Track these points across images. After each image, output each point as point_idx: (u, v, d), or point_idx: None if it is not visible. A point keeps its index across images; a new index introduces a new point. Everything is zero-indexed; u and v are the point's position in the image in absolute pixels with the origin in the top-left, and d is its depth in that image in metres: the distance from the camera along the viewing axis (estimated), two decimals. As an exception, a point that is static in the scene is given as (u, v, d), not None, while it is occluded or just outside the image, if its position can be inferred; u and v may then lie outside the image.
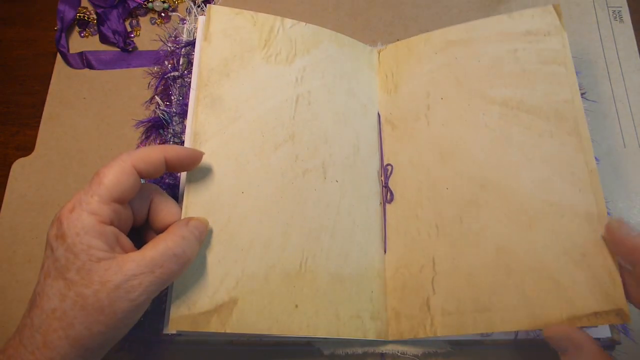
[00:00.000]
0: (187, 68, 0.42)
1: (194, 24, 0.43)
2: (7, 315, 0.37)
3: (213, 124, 0.34)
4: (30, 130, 0.43)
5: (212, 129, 0.34)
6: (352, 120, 0.38)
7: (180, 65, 0.42)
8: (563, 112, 0.35)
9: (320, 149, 0.36)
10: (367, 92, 0.40)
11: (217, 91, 0.35)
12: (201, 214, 0.32)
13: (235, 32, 0.37)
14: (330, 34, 0.40)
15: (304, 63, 0.38)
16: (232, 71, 0.35)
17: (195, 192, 0.32)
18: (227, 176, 0.33)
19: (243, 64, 0.36)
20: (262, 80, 0.36)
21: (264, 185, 0.34)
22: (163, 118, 0.40)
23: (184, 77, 0.41)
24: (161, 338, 0.35)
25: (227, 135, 0.34)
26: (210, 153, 0.33)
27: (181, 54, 0.42)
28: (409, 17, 0.47)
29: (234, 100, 0.35)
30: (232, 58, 0.36)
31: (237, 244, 0.32)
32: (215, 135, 0.34)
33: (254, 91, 0.36)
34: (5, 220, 0.40)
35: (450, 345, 0.36)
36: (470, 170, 0.35)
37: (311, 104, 0.37)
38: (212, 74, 0.35)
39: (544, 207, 0.33)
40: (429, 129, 0.37)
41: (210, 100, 0.34)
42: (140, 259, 0.27)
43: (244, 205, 0.33)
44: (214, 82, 0.35)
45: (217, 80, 0.35)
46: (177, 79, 0.41)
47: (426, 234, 0.35)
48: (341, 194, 0.36)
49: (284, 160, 0.35)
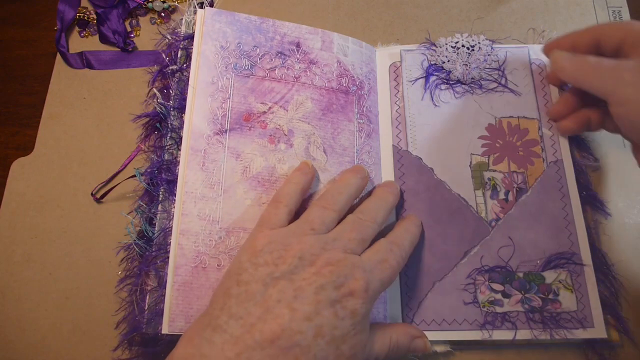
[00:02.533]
0: (185, 62, 0.41)
1: (192, 16, 0.43)
2: (6, 315, 0.37)
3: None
4: (30, 130, 0.43)
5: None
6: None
7: (178, 58, 0.42)
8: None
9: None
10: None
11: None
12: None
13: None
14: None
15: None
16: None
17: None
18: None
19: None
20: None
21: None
22: (160, 112, 0.40)
23: (183, 71, 0.41)
24: (160, 336, 0.35)
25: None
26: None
27: (180, 47, 0.42)
28: (409, 17, 0.47)
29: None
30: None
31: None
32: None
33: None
34: (5, 220, 0.40)
35: (450, 345, 0.36)
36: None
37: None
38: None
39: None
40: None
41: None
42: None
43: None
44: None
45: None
46: (175, 73, 0.41)
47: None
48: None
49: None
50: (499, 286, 0.36)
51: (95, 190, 0.40)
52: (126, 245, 0.38)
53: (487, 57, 0.42)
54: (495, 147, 0.40)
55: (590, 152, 0.41)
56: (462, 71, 0.42)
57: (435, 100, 0.42)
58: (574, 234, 0.37)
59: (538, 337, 0.35)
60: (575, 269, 0.36)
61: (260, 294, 0.28)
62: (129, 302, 0.36)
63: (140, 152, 0.41)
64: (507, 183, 0.39)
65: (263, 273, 0.29)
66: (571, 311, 0.35)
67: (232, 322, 0.28)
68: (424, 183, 0.39)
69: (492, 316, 0.35)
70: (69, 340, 0.36)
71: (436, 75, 0.42)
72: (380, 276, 0.30)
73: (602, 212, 0.39)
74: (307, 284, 0.28)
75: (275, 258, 0.29)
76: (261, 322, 0.27)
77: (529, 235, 0.37)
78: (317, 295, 0.28)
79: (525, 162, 0.40)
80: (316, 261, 0.29)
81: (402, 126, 0.41)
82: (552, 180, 0.39)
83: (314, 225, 0.32)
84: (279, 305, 0.28)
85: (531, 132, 0.41)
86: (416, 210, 0.38)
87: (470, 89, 0.42)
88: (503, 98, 0.41)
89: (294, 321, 0.27)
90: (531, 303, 0.36)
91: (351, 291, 0.29)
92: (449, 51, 0.42)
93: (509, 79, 0.42)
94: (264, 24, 0.41)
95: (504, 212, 0.38)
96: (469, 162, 0.40)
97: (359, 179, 0.36)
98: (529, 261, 0.37)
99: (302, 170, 0.36)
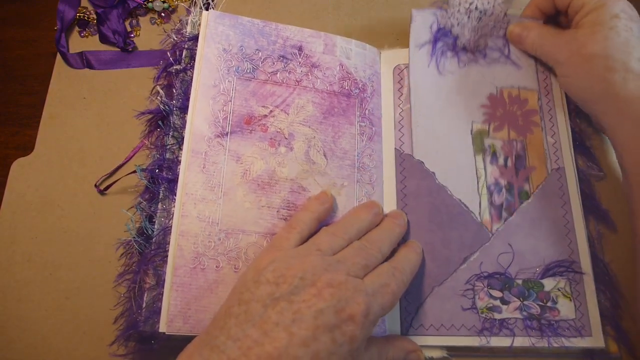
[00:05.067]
0: (189, 62, 0.41)
1: (198, 17, 0.43)
2: (6, 315, 0.37)
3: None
4: (30, 130, 0.43)
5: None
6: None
7: (182, 58, 0.41)
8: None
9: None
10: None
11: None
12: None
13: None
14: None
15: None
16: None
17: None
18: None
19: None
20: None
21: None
22: (163, 110, 0.40)
23: (186, 71, 0.41)
24: (157, 335, 0.35)
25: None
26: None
27: (184, 47, 0.42)
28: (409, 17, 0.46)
29: None
30: None
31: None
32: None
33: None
34: (5, 220, 0.40)
35: (446, 352, 0.36)
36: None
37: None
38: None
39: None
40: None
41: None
42: None
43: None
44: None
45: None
46: (179, 73, 0.41)
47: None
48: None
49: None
50: (498, 292, 0.36)
51: (99, 181, 0.40)
52: (125, 242, 0.38)
53: (497, 23, 0.42)
54: (495, 115, 0.41)
55: (595, 162, 0.40)
56: (469, 37, 0.42)
57: (440, 68, 0.42)
58: (574, 242, 0.37)
59: (535, 344, 0.35)
60: (575, 277, 0.36)
61: (259, 315, 0.28)
62: (127, 298, 0.36)
63: (142, 148, 0.41)
64: (506, 150, 0.40)
65: (264, 293, 0.29)
66: (569, 319, 0.35)
67: (229, 343, 0.27)
68: (425, 187, 0.39)
69: (490, 322, 0.35)
70: (69, 341, 0.37)
71: (444, 41, 0.42)
72: (381, 300, 0.30)
73: (605, 222, 0.39)
74: (306, 307, 0.28)
75: (277, 277, 0.29)
76: (258, 345, 0.27)
77: (529, 242, 0.37)
78: (316, 320, 0.28)
79: (524, 131, 0.40)
80: (317, 282, 0.29)
81: (405, 129, 0.41)
82: (553, 187, 0.39)
83: (321, 247, 0.32)
84: (277, 328, 0.27)
85: (531, 102, 0.41)
86: (417, 214, 0.38)
87: (474, 57, 0.42)
88: (505, 69, 0.42)
89: (291, 347, 0.27)
90: (529, 310, 0.36)
91: (351, 316, 0.28)
92: (460, 12, 0.41)
93: (512, 50, 0.42)
94: (267, 28, 0.41)
95: (504, 177, 0.39)
96: (470, 129, 0.40)
97: (372, 214, 0.36)
98: (528, 268, 0.37)
99: (320, 199, 0.36)
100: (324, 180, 0.38)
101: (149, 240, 0.37)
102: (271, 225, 0.36)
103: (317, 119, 0.40)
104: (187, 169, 0.36)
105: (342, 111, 0.40)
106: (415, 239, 0.38)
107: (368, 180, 0.39)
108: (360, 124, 0.40)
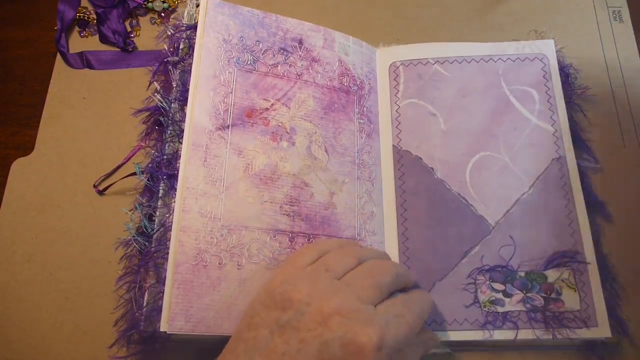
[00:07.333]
0: (187, 52, 0.41)
1: (195, 9, 0.42)
2: (6, 315, 0.37)
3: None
4: (29, 130, 0.43)
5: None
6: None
7: (180, 50, 0.41)
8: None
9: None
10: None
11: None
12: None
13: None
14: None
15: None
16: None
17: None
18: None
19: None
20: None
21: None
22: (161, 106, 0.39)
23: (184, 61, 0.40)
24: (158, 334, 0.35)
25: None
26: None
27: (181, 38, 0.41)
28: (409, 17, 0.47)
29: None
30: None
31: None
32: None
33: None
34: (5, 220, 0.40)
35: (449, 347, 0.35)
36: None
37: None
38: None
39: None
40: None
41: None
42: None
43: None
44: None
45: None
46: (177, 64, 0.41)
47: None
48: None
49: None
50: (500, 286, 0.36)
51: (97, 182, 0.40)
52: (125, 242, 0.38)
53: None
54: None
55: (590, 154, 0.40)
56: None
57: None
58: (577, 232, 0.37)
59: (540, 337, 0.34)
60: (579, 267, 0.36)
61: (266, 343, 0.27)
62: (127, 299, 0.36)
63: (140, 149, 0.41)
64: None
65: (271, 318, 0.28)
66: (574, 310, 0.35)
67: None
68: (424, 183, 0.39)
69: (493, 316, 0.35)
70: (69, 341, 0.36)
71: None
72: (395, 332, 0.27)
73: (602, 214, 0.39)
74: (311, 337, 0.26)
75: (284, 300, 0.28)
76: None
77: (530, 233, 0.37)
78: (321, 353, 0.26)
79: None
80: (324, 308, 0.27)
81: (402, 126, 0.41)
82: (554, 177, 0.39)
83: (329, 265, 0.30)
84: (283, 358, 0.26)
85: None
86: (416, 209, 0.38)
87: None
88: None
89: None
90: (533, 302, 0.36)
91: (360, 348, 0.26)
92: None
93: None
94: (267, 19, 0.41)
95: None
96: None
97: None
98: (531, 260, 0.37)
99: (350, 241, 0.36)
100: (326, 176, 0.38)
101: (149, 239, 0.36)
102: (274, 221, 0.36)
103: (318, 114, 0.40)
104: (187, 162, 0.36)
105: (342, 107, 0.41)
106: (415, 235, 0.38)
107: (368, 177, 0.39)
108: (359, 120, 0.41)
